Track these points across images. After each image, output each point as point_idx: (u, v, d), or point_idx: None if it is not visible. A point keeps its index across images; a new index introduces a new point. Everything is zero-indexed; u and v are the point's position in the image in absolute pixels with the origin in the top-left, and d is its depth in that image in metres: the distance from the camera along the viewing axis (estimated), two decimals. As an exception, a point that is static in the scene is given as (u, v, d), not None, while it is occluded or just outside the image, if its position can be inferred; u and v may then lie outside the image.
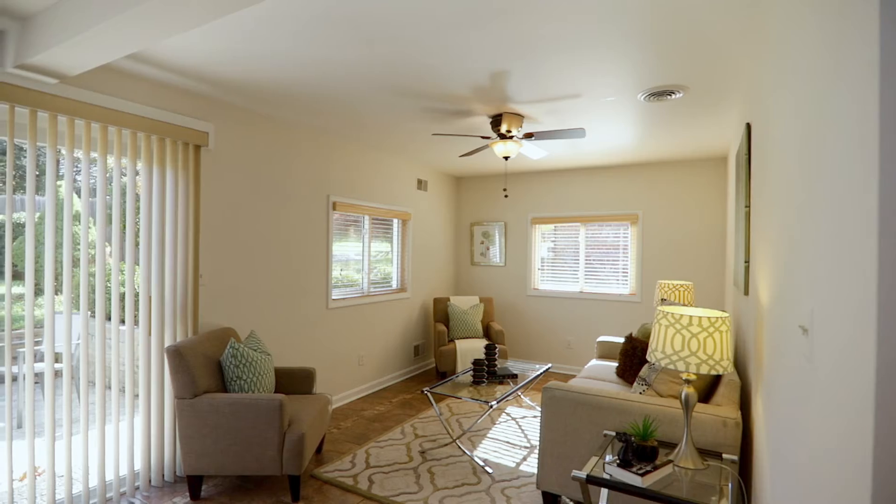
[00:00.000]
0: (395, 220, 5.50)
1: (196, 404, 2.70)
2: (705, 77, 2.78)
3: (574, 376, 5.68)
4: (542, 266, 6.14)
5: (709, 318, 1.81)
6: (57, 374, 2.58)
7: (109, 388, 2.78)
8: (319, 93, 3.16)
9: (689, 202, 5.22)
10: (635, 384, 2.94)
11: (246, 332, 3.58)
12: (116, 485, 2.79)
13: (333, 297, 4.51)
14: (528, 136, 3.60)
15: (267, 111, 3.61)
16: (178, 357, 2.72)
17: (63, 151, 2.56)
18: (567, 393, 2.53)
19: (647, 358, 1.95)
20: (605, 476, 1.85)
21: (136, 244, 2.90)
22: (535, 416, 4.24)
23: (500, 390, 3.62)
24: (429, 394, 3.51)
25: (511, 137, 3.60)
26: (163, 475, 2.99)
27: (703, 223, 5.14)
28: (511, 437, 3.75)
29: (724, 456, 2.01)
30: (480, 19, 2.13)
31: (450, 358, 5.13)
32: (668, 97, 3.09)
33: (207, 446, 2.71)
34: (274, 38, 2.35)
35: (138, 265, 2.91)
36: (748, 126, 2.47)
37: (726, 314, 1.85)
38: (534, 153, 3.99)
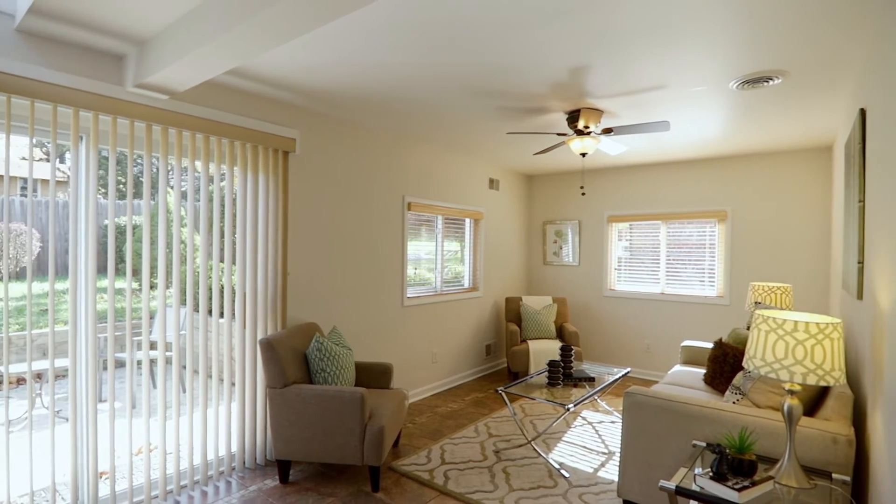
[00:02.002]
0: (467, 220, 5.54)
1: (285, 394, 2.89)
2: (809, 60, 2.54)
3: (655, 382, 5.42)
4: (619, 266, 5.91)
5: (817, 324, 1.66)
6: (167, 361, 2.88)
7: (210, 376, 3.04)
8: (396, 95, 3.25)
9: (785, 197, 4.79)
10: (727, 393, 2.75)
11: (328, 326, 3.77)
12: (216, 464, 3.05)
13: (408, 296, 4.62)
14: (607, 131, 3.48)
15: (347, 116, 3.77)
16: (270, 349, 2.92)
17: (171, 160, 2.83)
18: (651, 399, 2.42)
19: (744, 365, 1.82)
20: (696, 488, 1.75)
21: (234, 244, 3.15)
22: (612, 422, 4.09)
23: (576, 393, 3.53)
24: (503, 394, 3.50)
25: (589, 133, 3.50)
26: (255, 458, 3.22)
27: (803, 219, 4.70)
28: (588, 442, 3.65)
29: (835, 476, 1.83)
30: (559, 13, 2.09)
31: (522, 358, 5.08)
32: (765, 84, 2.86)
33: (295, 433, 2.88)
34: (353, 45, 2.45)
35: (234, 264, 3.16)
36: (862, 112, 2.24)
37: (838, 320, 1.69)
38: (612, 149, 3.86)
